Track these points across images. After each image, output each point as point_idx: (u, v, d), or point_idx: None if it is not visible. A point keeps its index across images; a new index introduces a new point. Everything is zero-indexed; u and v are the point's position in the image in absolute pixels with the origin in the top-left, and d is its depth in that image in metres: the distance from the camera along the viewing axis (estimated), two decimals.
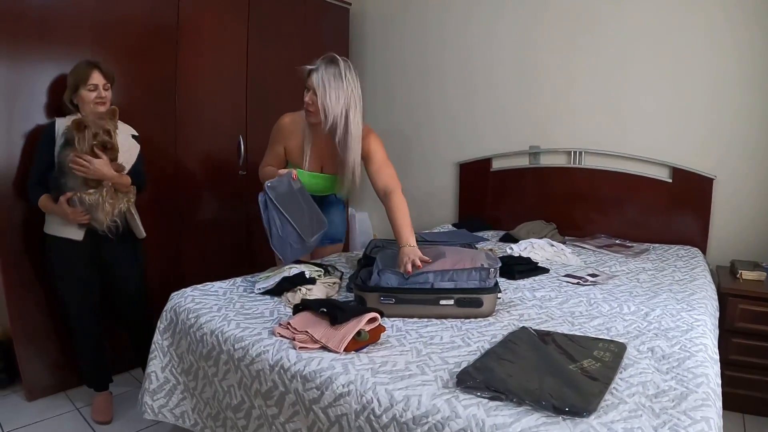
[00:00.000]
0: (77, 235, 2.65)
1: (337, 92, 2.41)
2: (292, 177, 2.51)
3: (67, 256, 2.68)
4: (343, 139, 2.50)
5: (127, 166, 2.73)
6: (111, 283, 2.85)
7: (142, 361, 2.77)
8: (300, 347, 1.73)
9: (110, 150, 2.58)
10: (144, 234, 2.85)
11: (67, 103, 2.69)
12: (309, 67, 2.46)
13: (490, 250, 3.16)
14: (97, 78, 2.65)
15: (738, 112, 3.41)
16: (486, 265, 2.11)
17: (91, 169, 2.49)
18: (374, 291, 2.10)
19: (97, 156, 2.51)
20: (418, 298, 2.08)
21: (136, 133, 2.89)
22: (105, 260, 2.77)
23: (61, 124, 2.65)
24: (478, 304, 2.06)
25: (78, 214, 2.54)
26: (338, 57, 2.46)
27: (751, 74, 3.35)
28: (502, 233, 3.89)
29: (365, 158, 2.62)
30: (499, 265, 2.19)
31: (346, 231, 3.16)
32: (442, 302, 2.07)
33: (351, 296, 2.28)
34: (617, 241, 3.57)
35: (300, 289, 2.23)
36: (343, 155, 2.54)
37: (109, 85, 2.71)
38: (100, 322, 2.85)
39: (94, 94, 2.65)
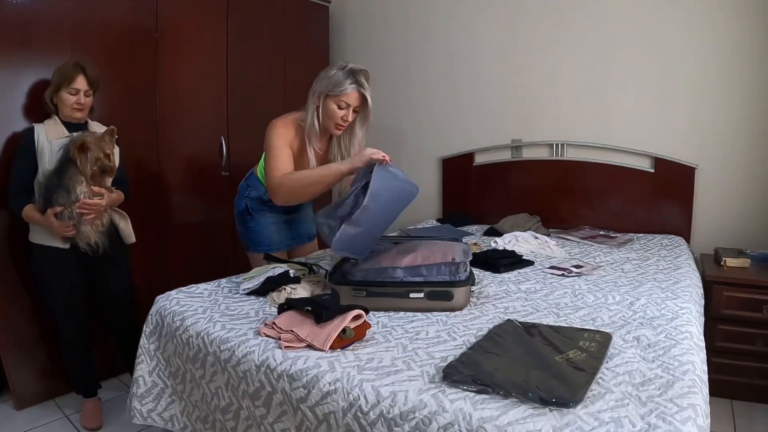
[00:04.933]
0: (63, 243, 2.63)
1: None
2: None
3: (53, 265, 2.66)
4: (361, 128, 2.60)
5: None
6: (98, 290, 2.84)
7: (130, 366, 2.74)
8: (286, 346, 1.73)
9: (108, 173, 2.61)
10: (133, 239, 2.85)
11: (48, 100, 2.66)
12: (359, 89, 2.43)
13: (475, 244, 3.18)
14: (80, 83, 2.62)
15: (718, 101, 3.43)
16: (457, 260, 2.10)
17: (101, 208, 2.58)
18: (346, 285, 2.12)
19: (95, 177, 2.54)
20: (389, 291, 2.10)
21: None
22: (92, 267, 2.75)
23: (41, 130, 2.61)
24: (449, 297, 2.07)
25: (64, 228, 2.52)
26: (353, 65, 2.45)
27: (730, 64, 3.37)
28: (486, 227, 3.90)
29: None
30: (470, 259, 2.18)
31: None
32: (412, 295, 2.08)
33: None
34: (601, 232, 3.59)
35: (285, 289, 2.22)
36: (352, 146, 2.62)
37: (91, 91, 2.68)
38: (88, 329, 2.83)
39: (73, 99, 2.62)
